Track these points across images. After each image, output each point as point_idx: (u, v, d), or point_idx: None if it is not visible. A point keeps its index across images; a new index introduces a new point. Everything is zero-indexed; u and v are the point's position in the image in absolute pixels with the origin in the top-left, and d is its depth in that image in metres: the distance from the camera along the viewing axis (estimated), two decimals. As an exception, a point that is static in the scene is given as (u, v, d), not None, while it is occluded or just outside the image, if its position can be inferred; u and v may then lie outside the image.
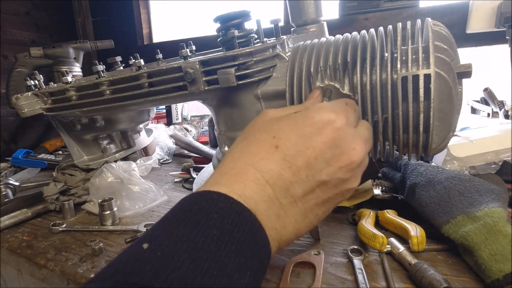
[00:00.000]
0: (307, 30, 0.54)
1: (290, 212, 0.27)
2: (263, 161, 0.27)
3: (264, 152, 0.27)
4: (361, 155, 0.28)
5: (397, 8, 0.96)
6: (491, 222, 0.37)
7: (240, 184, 0.26)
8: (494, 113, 0.79)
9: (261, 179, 0.26)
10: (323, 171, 0.27)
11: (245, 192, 0.25)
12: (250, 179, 0.26)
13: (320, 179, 0.27)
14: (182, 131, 1.11)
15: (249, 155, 0.28)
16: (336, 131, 0.28)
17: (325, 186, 0.28)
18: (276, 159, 0.27)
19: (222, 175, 0.27)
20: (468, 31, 0.87)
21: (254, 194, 0.25)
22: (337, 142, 0.28)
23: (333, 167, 0.27)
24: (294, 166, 0.27)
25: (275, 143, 0.27)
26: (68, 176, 0.68)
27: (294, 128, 0.28)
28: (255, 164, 0.27)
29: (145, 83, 0.51)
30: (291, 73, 0.41)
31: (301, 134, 0.28)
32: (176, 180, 0.78)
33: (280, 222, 0.26)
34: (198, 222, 0.23)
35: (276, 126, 0.29)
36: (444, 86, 0.34)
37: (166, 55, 0.63)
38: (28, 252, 0.48)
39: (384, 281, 0.37)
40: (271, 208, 0.26)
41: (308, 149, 0.27)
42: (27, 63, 1.08)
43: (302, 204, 0.27)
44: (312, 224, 0.29)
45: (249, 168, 0.27)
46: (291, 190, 0.27)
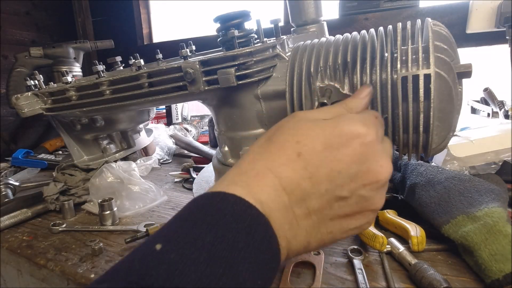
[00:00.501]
0: (307, 30, 0.54)
1: (303, 223, 0.26)
2: (283, 167, 0.26)
3: (285, 157, 0.26)
4: (388, 173, 0.27)
5: (397, 8, 0.96)
6: (491, 222, 0.37)
7: (257, 188, 0.25)
8: (494, 113, 0.79)
9: (279, 185, 0.25)
10: (345, 187, 0.26)
11: (261, 196, 0.24)
12: (267, 183, 0.25)
13: (340, 195, 0.26)
14: (182, 131, 1.11)
15: (270, 159, 0.26)
16: (365, 146, 0.26)
17: (345, 202, 0.26)
18: (297, 167, 0.25)
19: (239, 175, 0.26)
20: (468, 31, 0.87)
21: (270, 201, 0.24)
22: (364, 158, 0.26)
23: (356, 183, 0.26)
24: (314, 178, 0.25)
25: (298, 150, 0.26)
26: (68, 176, 0.68)
27: (321, 136, 0.26)
28: (274, 169, 0.26)
29: (145, 83, 0.51)
30: (291, 73, 0.41)
31: (327, 144, 0.26)
32: (176, 180, 0.78)
33: (292, 232, 0.25)
34: (214, 224, 0.22)
35: (302, 131, 0.27)
36: (444, 86, 0.34)
37: (166, 55, 0.63)
38: (28, 252, 0.48)
39: (384, 281, 0.37)
40: (284, 216, 0.25)
41: (332, 162, 0.26)
42: (27, 63, 1.08)
43: (317, 217, 0.26)
44: (324, 241, 0.27)
45: (267, 172, 0.26)
46: (307, 202, 0.26)
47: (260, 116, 0.46)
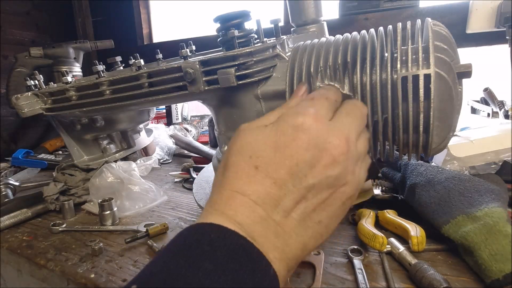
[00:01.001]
0: (307, 30, 0.54)
1: (287, 227, 0.26)
2: (247, 185, 0.26)
3: (245, 176, 0.27)
4: (341, 146, 0.27)
5: (397, 8, 0.96)
6: (491, 222, 0.37)
7: (231, 211, 0.25)
8: (494, 113, 0.79)
9: (249, 201, 0.25)
10: (308, 176, 0.26)
11: (237, 218, 0.25)
12: (239, 204, 0.25)
13: (308, 184, 0.26)
14: (182, 131, 1.11)
15: (232, 182, 0.27)
16: (308, 132, 0.27)
17: (316, 189, 0.27)
18: (259, 179, 0.26)
19: (212, 206, 0.27)
20: (468, 31, 0.87)
21: (246, 218, 0.25)
22: (312, 143, 0.27)
23: (317, 168, 0.26)
24: (278, 180, 0.26)
25: (253, 164, 0.27)
26: (68, 176, 0.68)
27: (268, 142, 0.27)
28: (240, 189, 0.26)
29: (145, 83, 0.51)
30: (291, 73, 0.41)
31: (276, 146, 0.27)
32: (176, 180, 0.78)
33: (280, 240, 0.25)
34: (190, 256, 0.22)
35: (251, 145, 0.28)
36: (444, 86, 0.34)
37: (166, 55, 0.63)
38: (28, 252, 0.48)
39: (384, 281, 0.37)
40: (266, 228, 0.25)
41: (287, 159, 0.26)
42: (27, 63, 1.08)
43: (297, 214, 0.26)
44: (319, 233, 0.27)
45: (235, 194, 0.26)
46: (282, 204, 0.26)
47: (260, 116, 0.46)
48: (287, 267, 0.25)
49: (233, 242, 0.23)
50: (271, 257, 0.24)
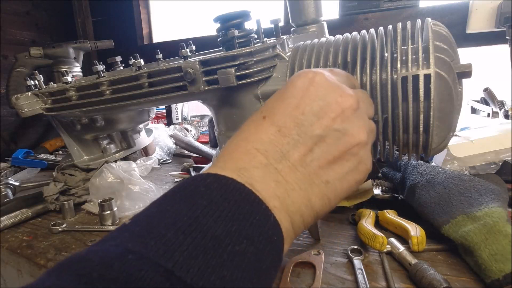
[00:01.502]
0: (307, 30, 0.54)
1: (290, 178, 0.25)
2: (253, 134, 0.26)
3: (253, 126, 0.27)
4: (351, 102, 0.27)
5: (397, 8, 0.96)
6: (491, 222, 0.37)
7: (233, 160, 0.25)
8: (494, 113, 0.79)
9: (252, 148, 0.25)
10: (315, 125, 0.25)
11: (237, 165, 0.24)
12: (241, 151, 0.25)
13: (314, 134, 0.25)
14: (182, 131, 1.11)
15: (240, 134, 0.27)
16: (318, 85, 0.27)
17: (324, 143, 0.26)
18: (264, 128, 0.26)
19: (217, 160, 0.26)
20: (468, 31, 0.87)
21: (246, 164, 0.24)
22: (321, 94, 0.26)
23: (324, 119, 0.26)
24: (283, 128, 0.26)
25: (262, 115, 0.27)
26: (68, 176, 0.68)
27: (278, 97, 0.28)
28: (245, 138, 0.26)
29: (145, 83, 0.51)
30: (291, 73, 0.41)
31: (284, 97, 0.27)
32: (176, 180, 0.78)
33: (281, 189, 0.24)
34: (184, 196, 0.22)
35: (265, 104, 0.29)
36: (444, 86, 0.34)
37: (166, 55, 0.63)
38: (28, 252, 0.48)
39: (384, 281, 0.37)
40: (267, 174, 0.24)
41: (294, 109, 0.26)
42: (27, 63, 1.08)
43: (303, 167, 0.25)
44: (326, 195, 0.26)
45: (239, 143, 0.26)
46: (286, 155, 0.25)
47: (260, 116, 0.46)
48: (290, 220, 0.24)
49: (229, 185, 0.22)
50: (271, 205, 0.23)
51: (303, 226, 0.25)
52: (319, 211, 0.26)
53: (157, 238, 0.19)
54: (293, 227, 0.24)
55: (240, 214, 0.21)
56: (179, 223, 0.19)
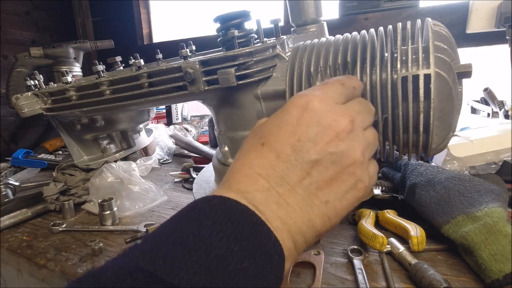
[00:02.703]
0: (307, 30, 0.54)
1: (291, 200, 0.26)
2: (254, 160, 0.28)
3: (253, 152, 0.28)
4: (345, 124, 0.28)
5: (397, 8, 0.96)
6: (491, 222, 0.37)
7: (236, 183, 0.27)
8: (494, 113, 0.79)
9: (253, 173, 0.27)
10: (311, 150, 0.27)
11: (240, 187, 0.26)
12: (244, 175, 0.27)
13: (310, 159, 0.27)
14: (182, 131, 1.11)
15: (242, 159, 0.29)
16: (311, 111, 0.28)
17: (321, 166, 0.27)
18: (264, 154, 0.28)
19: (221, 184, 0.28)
20: (468, 31, 0.87)
21: (249, 187, 0.26)
22: (315, 120, 0.27)
23: (320, 143, 0.27)
24: (282, 154, 0.27)
25: (261, 142, 0.28)
26: (68, 176, 0.68)
27: (274, 123, 0.29)
28: (247, 163, 0.28)
29: (145, 83, 0.51)
30: (291, 73, 0.41)
31: (280, 124, 0.28)
32: (176, 180, 0.78)
33: (283, 211, 0.25)
34: (191, 217, 0.23)
35: (261, 129, 0.30)
36: (444, 86, 0.34)
37: (166, 55, 0.63)
38: (28, 252, 0.48)
39: (384, 281, 0.37)
40: (269, 197, 0.26)
41: (290, 135, 0.27)
42: (27, 63, 1.08)
43: (302, 190, 0.26)
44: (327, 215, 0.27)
45: (242, 168, 0.28)
46: (286, 178, 0.26)
47: (260, 116, 0.46)
48: (293, 239, 0.25)
49: (233, 207, 0.24)
50: (273, 226, 0.24)
51: (305, 245, 0.27)
52: (320, 230, 0.27)
53: (165, 256, 0.20)
54: (295, 246, 0.26)
55: (243, 234, 0.22)
56: (186, 242, 0.21)
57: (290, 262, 0.26)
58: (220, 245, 0.21)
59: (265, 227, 0.24)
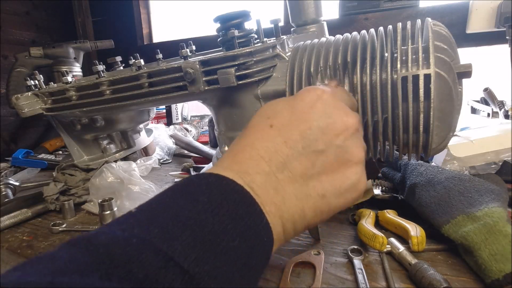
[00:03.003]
0: (307, 30, 0.54)
1: (289, 187, 0.26)
2: (259, 140, 0.27)
3: (259, 132, 0.28)
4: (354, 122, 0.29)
5: (397, 8, 0.96)
6: (491, 222, 0.37)
7: (238, 163, 0.26)
8: (494, 113, 0.79)
9: (256, 155, 0.26)
10: (319, 140, 0.27)
11: (241, 168, 0.26)
12: (246, 156, 0.27)
13: (317, 149, 0.27)
14: (182, 131, 1.11)
15: (247, 138, 0.28)
16: (325, 103, 0.29)
17: (325, 157, 0.27)
18: (271, 136, 0.27)
19: (221, 160, 0.28)
20: (468, 31, 0.87)
21: (250, 169, 0.26)
22: (328, 112, 0.28)
23: (328, 134, 0.27)
24: (289, 140, 0.27)
25: (269, 123, 0.28)
26: (68, 176, 0.68)
27: (286, 106, 0.29)
28: (251, 144, 0.27)
29: (145, 83, 0.51)
30: (291, 73, 0.41)
31: (293, 110, 0.29)
32: (176, 180, 0.78)
33: (279, 197, 0.26)
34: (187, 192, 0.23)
35: (270, 109, 0.30)
36: (444, 86, 0.34)
37: (166, 55, 0.63)
38: (28, 252, 0.48)
39: (384, 281, 0.37)
40: (268, 182, 0.26)
41: (301, 122, 0.28)
42: (27, 63, 1.08)
43: (303, 179, 0.27)
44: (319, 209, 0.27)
45: (245, 148, 0.27)
46: (288, 165, 0.26)
47: (260, 116, 0.46)
48: (283, 226, 0.26)
49: (229, 186, 0.24)
50: (267, 209, 0.24)
51: (293, 233, 0.27)
52: (310, 222, 0.27)
53: (160, 227, 0.20)
54: (284, 233, 0.26)
55: (237, 214, 0.23)
56: (181, 216, 0.21)
57: (277, 246, 0.26)
58: (214, 222, 0.21)
59: (258, 209, 0.24)
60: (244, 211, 0.23)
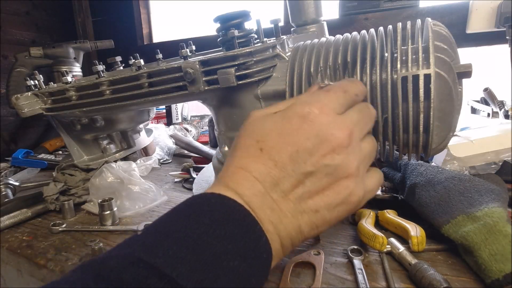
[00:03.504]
0: (307, 30, 0.54)
1: (283, 206, 0.28)
2: (251, 163, 0.29)
3: (251, 156, 0.29)
4: (342, 138, 0.28)
5: (397, 8, 0.96)
6: (491, 222, 0.37)
7: (234, 183, 0.28)
8: (494, 113, 0.79)
9: (251, 177, 0.28)
10: (307, 162, 0.28)
11: (238, 189, 0.27)
12: (241, 177, 0.28)
13: (306, 170, 0.28)
14: (182, 131, 1.11)
15: (239, 160, 0.30)
16: (311, 122, 0.29)
17: (314, 177, 0.28)
18: (262, 159, 0.28)
19: (218, 180, 0.30)
20: (468, 31, 0.87)
21: (246, 190, 0.27)
22: (314, 133, 0.28)
23: (316, 156, 0.28)
24: (279, 163, 0.28)
25: (259, 147, 0.29)
26: (68, 176, 0.68)
27: (274, 128, 0.30)
28: (244, 166, 0.29)
29: (145, 83, 0.51)
30: (291, 73, 0.41)
31: (280, 132, 0.29)
32: (176, 180, 0.78)
33: (275, 216, 0.27)
34: (190, 214, 0.25)
35: (259, 130, 0.31)
36: (444, 86, 0.34)
37: (166, 55, 0.63)
38: (28, 252, 0.48)
39: (384, 281, 0.37)
40: (264, 202, 0.27)
41: (289, 145, 0.28)
42: (27, 63, 1.08)
43: (295, 198, 0.28)
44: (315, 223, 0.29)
45: (239, 170, 0.29)
46: (280, 185, 0.28)
47: (260, 116, 0.46)
48: (281, 242, 0.28)
49: (230, 206, 0.26)
50: (265, 227, 0.26)
51: (291, 247, 0.29)
52: (307, 235, 0.29)
53: (165, 250, 0.22)
54: (282, 248, 0.28)
55: (238, 234, 0.24)
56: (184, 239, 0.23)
57: (276, 261, 0.28)
58: (216, 243, 0.23)
59: (258, 227, 0.26)
60: (244, 230, 0.25)
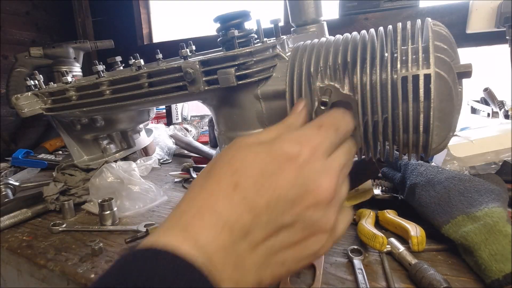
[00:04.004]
0: (307, 30, 0.54)
1: (249, 261, 0.24)
2: (221, 202, 0.24)
3: (222, 192, 0.25)
4: (329, 192, 0.25)
5: (397, 8, 0.96)
6: (491, 222, 0.37)
7: (195, 229, 0.23)
8: (494, 113, 0.79)
9: (218, 223, 0.23)
10: (286, 213, 0.24)
11: (200, 238, 0.22)
12: (206, 222, 0.23)
13: (283, 222, 0.24)
14: (182, 131, 1.11)
15: (207, 195, 0.25)
16: (299, 167, 0.25)
17: (290, 230, 0.25)
18: (235, 200, 0.24)
19: (179, 216, 0.24)
20: (468, 31, 0.88)
21: (210, 242, 0.22)
22: (300, 180, 0.25)
23: (298, 207, 0.25)
24: (254, 209, 0.24)
25: (234, 181, 0.25)
26: (68, 176, 0.68)
27: (255, 163, 0.25)
28: (212, 206, 0.24)
29: (145, 83, 0.51)
30: (291, 73, 0.41)
31: (262, 170, 0.25)
32: (176, 180, 0.78)
33: (238, 274, 0.23)
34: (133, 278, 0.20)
35: (238, 161, 0.26)
36: (444, 86, 0.34)
37: (166, 55, 0.63)
38: (28, 252, 0.48)
39: (384, 281, 0.37)
40: (226, 257, 0.23)
41: (269, 189, 0.24)
42: (27, 63, 1.08)
43: (265, 248, 0.25)
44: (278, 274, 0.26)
45: (206, 210, 0.24)
46: (251, 236, 0.24)
47: (260, 116, 0.46)
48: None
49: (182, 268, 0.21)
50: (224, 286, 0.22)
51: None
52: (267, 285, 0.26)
53: None
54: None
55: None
56: None
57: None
58: None
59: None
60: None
